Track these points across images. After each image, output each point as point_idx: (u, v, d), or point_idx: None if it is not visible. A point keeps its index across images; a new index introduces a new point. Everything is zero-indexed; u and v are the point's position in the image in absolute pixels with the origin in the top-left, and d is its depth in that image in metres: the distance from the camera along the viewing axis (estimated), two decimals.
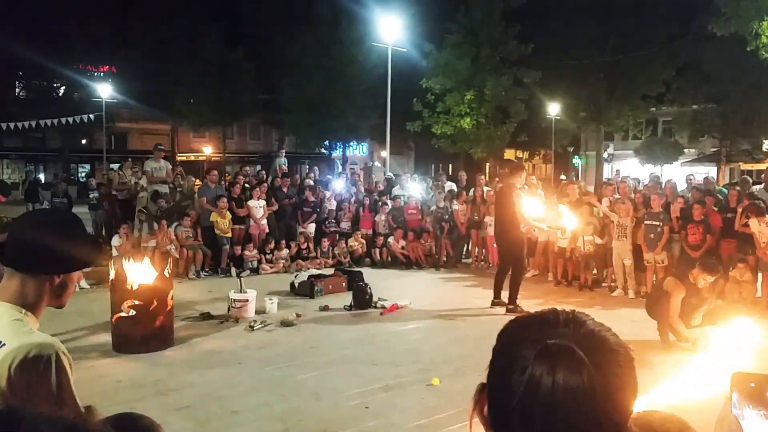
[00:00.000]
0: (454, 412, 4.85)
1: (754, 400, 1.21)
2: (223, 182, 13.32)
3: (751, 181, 12.61)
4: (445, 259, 13.37)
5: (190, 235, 11.62)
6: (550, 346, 0.82)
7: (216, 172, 13.37)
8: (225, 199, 12.04)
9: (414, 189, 15.17)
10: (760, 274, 9.22)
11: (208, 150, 41.48)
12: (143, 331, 6.65)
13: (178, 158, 36.41)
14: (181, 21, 32.84)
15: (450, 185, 14.68)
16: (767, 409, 1.19)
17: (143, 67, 32.95)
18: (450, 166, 34.82)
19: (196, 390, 5.55)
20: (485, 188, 13.52)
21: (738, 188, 10.96)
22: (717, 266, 7.13)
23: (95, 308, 8.13)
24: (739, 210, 9.50)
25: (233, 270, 11.56)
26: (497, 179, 14.66)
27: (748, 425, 1.19)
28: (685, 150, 35.24)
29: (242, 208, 12.47)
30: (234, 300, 8.24)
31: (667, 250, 9.86)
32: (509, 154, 47.35)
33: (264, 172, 16.33)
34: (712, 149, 34.47)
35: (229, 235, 11.98)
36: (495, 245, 12.41)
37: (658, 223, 9.81)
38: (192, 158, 40.75)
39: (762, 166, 24.76)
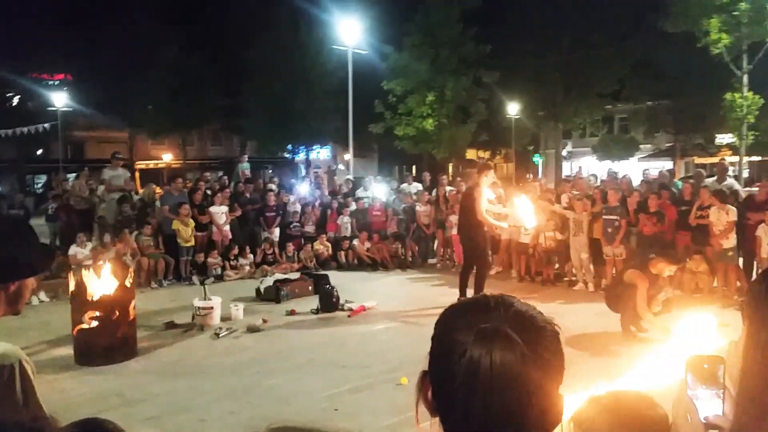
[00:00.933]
0: (424, 410, 4.88)
1: (707, 381, 1.26)
2: (184, 189, 13.15)
3: (705, 174, 12.99)
4: (411, 259, 13.44)
5: (152, 244, 11.45)
6: (485, 329, 0.88)
7: (180, 180, 13.17)
8: (187, 206, 11.89)
9: (378, 191, 15.22)
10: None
11: (167, 157, 40.86)
12: (106, 343, 6.53)
13: (137, 166, 35.79)
14: (138, 27, 32.31)
15: (416, 186, 14.78)
16: (719, 389, 1.24)
17: (99, 75, 32.34)
18: (414, 167, 35.00)
19: (162, 400, 5.48)
20: (448, 188, 13.64)
21: (692, 181, 11.29)
22: (678, 257, 7.35)
23: (55, 321, 7.95)
24: (696, 203, 9.79)
25: (195, 278, 11.44)
26: (460, 179, 14.82)
27: (702, 405, 1.25)
28: (641, 146, 36.10)
29: (204, 214, 12.33)
30: (198, 308, 8.15)
31: (626, 243, 10.10)
32: (471, 154, 47.79)
33: (226, 177, 16.18)
34: (667, 144, 35.38)
35: (191, 243, 11.81)
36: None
37: (615, 217, 10.04)
38: (151, 166, 40.08)
39: (715, 160, 25.50)
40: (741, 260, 9.52)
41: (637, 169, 25.79)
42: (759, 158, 26.85)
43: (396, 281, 11.80)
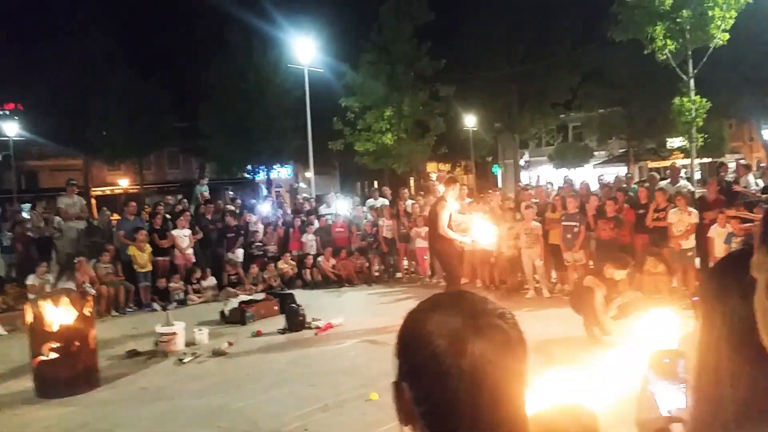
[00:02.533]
0: (394, 425, 4.84)
1: (668, 376, 1.29)
2: (144, 213, 12.92)
3: (658, 177, 13.34)
4: (377, 274, 13.44)
5: (110, 271, 11.21)
6: (462, 329, 0.89)
7: (134, 204, 12.96)
8: (144, 232, 11.69)
9: (341, 207, 15.21)
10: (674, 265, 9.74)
11: (124, 182, 40.07)
12: (67, 374, 6.35)
13: (93, 193, 35.00)
14: (89, 53, 31.74)
15: (381, 201, 14.82)
16: (680, 383, 1.28)
17: (51, 103, 31.62)
18: (375, 182, 35.07)
19: (127, 430, 5.35)
20: (409, 202, 13.71)
21: (647, 185, 11.58)
22: (627, 260, 7.51)
23: (14, 354, 7.73)
24: (652, 206, 10.04)
25: (155, 304, 11.24)
26: (423, 193, 14.91)
27: (663, 399, 1.27)
28: (595, 152, 36.88)
29: (165, 239, 12.13)
30: (161, 334, 8.00)
31: (586, 248, 10.29)
32: (432, 167, 48.19)
33: (186, 200, 15.97)
34: (621, 150, 36.22)
35: (148, 269, 11.60)
36: (426, 257, 12.68)
37: (574, 223, 10.23)
38: (108, 192, 39.25)
39: (667, 163, 26.22)
40: (698, 260, 9.79)
41: (592, 175, 26.34)
42: (709, 160, 27.70)
43: (362, 297, 11.78)
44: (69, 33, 31.73)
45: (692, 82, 17.71)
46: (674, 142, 28.38)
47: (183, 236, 12.30)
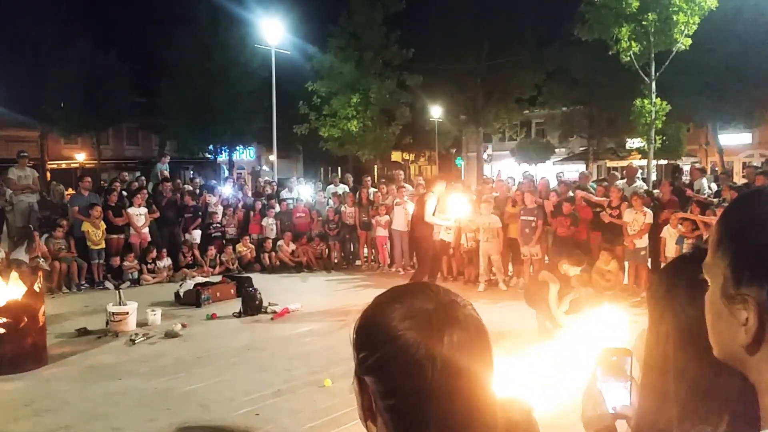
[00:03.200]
0: (347, 411, 4.87)
1: (616, 373, 1.32)
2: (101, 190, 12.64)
3: (618, 176, 13.59)
4: (336, 261, 13.42)
5: (63, 247, 10.92)
6: (435, 318, 0.88)
7: (89, 179, 12.65)
8: (99, 208, 11.41)
9: (303, 192, 15.11)
10: (626, 263, 9.98)
11: (81, 157, 39.02)
12: (13, 351, 6.19)
13: (49, 166, 34.02)
14: (49, 23, 30.73)
15: (342, 187, 14.77)
16: (627, 381, 1.30)
17: (8, 72, 30.50)
18: (339, 168, 34.94)
19: (74, 408, 5.24)
20: (371, 189, 13.71)
21: (605, 184, 11.79)
22: (581, 258, 7.67)
23: None
24: (604, 202, 10.25)
25: (107, 282, 11.02)
26: (383, 180, 14.93)
27: (610, 397, 1.30)
28: (557, 149, 37.44)
29: (120, 216, 11.87)
30: (113, 313, 7.84)
31: (544, 243, 10.45)
32: (396, 156, 48.26)
33: (144, 178, 15.64)
34: (581, 148, 36.87)
35: (101, 246, 11.35)
36: (386, 246, 12.73)
37: (532, 218, 10.39)
38: (64, 166, 38.18)
39: (625, 163, 26.79)
40: (650, 260, 10.03)
41: (552, 172, 26.72)
42: (665, 161, 28.39)
43: (321, 283, 11.75)
44: (27, 3, 30.70)
45: (654, 84, 18.08)
46: (633, 142, 29.01)
47: (139, 214, 12.05)
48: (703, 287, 0.84)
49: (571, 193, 11.01)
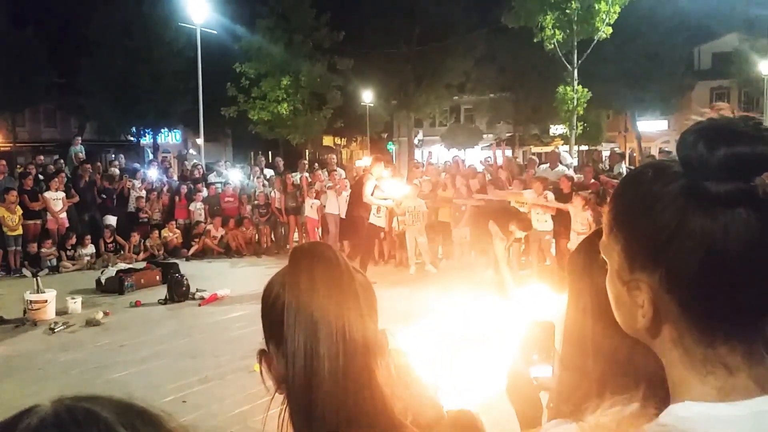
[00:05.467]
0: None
1: (540, 346, 1.35)
2: (16, 174, 12.00)
3: (538, 161, 13.98)
4: (267, 246, 13.24)
5: None
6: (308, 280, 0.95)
7: (4, 162, 11.99)
8: (15, 193, 10.84)
9: (232, 176, 14.81)
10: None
11: None
12: None
13: None
14: None
15: (268, 172, 14.54)
16: (551, 353, 1.33)
17: None
18: (270, 153, 34.40)
19: None
20: (297, 175, 13.51)
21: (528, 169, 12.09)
22: (528, 223, 8.07)
23: None
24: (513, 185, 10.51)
25: (24, 270, 10.51)
26: (315, 165, 14.81)
27: (535, 369, 1.33)
28: (484, 135, 38.15)
29: (36, 201, 11.31)
30: (30, 301, 7.51)
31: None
32: (327, 140, 47.89)
33: (62, 161, 14.94)
34: (508, 134, 37.70)
35: (18, 232, 10.81)
36: (317, 230, 12.65)
37: (463, 201, 10.55)
38: None
39: (549, 149, 27.58)
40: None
41: (480, 156, 27.21)
42: (587, 147, 29.42)
43: (251, 268, 11.58)
44: None
45: (576, 72, 18.66)
46: (556, 129, 29.90)
47: (56, 199, 11.53)
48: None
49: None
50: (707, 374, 0.71)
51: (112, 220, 12.33)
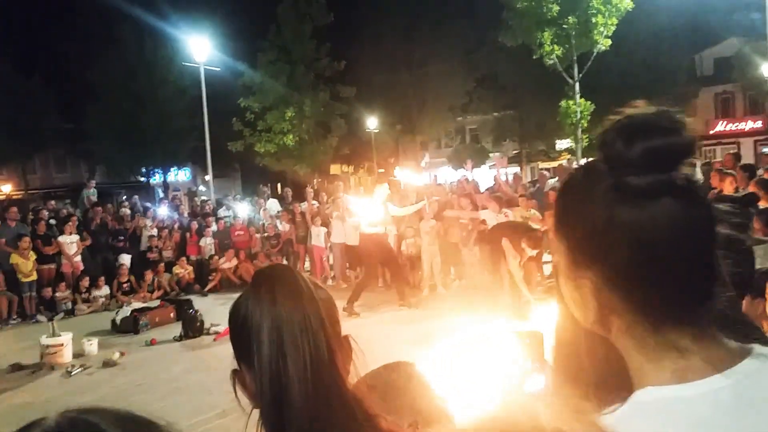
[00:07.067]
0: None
1: (530, 355, 1.37)
2: (28, 220, 12.17)
3: (548, 175, 14.00)
4: None
5: None
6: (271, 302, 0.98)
7: (15, 209, 12.14)
8: (28, 239, 10.98)
9: (240, 209, 14.91)
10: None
11: (7, 188, 37.34)
12: None
13: None
14: None
15: (272, 202, 14.62)
16: (540, 362, 1.35)
17: None
18: (279, 184, 34.61)
19: None
20: (304, 204, 13.48)
21: (539, 185, 12.12)
22: (539, 241, 8.06)
23: None
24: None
25: (39, 315, 10.60)
26: (319, 191, 14.87)
27: (527, 377, 1.35)
28: (491, 154, 38.20)
29: (50, 245, 11.44)
30: (47, 346, 7.55)
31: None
32: (335, 168, 48.14)
33: (71, 205, 15.12)
34: (514, 151, 37.72)
35: (33, 278, 10.92)
36: (324, 257, 12.65)
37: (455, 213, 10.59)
38: None
39: (556, 164, 27.56)
40: None
41: (489, 175, 27.21)
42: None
43: None
44: None
45: (577, 85, 18.71)
46: (562, 143, 29.90)
47: (70, 242, 11.65)
48: None
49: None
50: (661, 359, 0.74)
51: (126, 259, 12.44)
